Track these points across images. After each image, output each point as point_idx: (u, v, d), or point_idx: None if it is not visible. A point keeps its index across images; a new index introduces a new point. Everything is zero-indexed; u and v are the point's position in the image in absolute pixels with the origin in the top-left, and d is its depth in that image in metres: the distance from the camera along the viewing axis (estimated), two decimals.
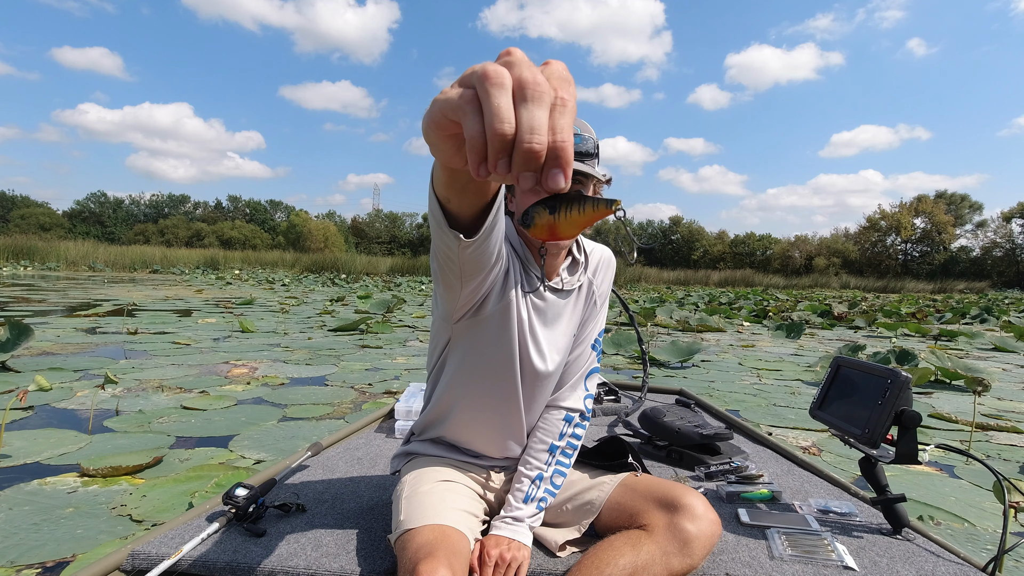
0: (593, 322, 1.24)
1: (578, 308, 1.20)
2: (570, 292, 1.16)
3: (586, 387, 1.24)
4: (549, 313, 1.14)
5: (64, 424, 2.70)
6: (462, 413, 1.18)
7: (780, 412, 3.43)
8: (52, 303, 8.90)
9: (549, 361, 1.14)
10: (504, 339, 1.09)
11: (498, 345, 1.09)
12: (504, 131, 0.37)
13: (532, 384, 1.15)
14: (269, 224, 60.34)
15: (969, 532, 1.85)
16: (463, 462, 1.23)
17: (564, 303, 1.16)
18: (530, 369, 1.13)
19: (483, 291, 1.02)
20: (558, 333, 1.16)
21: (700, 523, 1.01)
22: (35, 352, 4.54)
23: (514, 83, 0.38)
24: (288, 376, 4.00)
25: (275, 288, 15.84)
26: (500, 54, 0.41)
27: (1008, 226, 49.72)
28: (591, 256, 1.21)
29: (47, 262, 23.62)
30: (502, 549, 1.03)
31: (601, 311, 1.24)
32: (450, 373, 1.15)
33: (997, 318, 11.75)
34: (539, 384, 1.16)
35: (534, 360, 1.12)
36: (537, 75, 0.38)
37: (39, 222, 47.42)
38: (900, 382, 1.23)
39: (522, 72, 0.38)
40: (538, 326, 1.13)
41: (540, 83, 0.38)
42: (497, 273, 1.00)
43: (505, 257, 1.02)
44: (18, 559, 1.49)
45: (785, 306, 13.51)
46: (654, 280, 36.78)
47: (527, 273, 1.12)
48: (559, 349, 1.16)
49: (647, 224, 67.04)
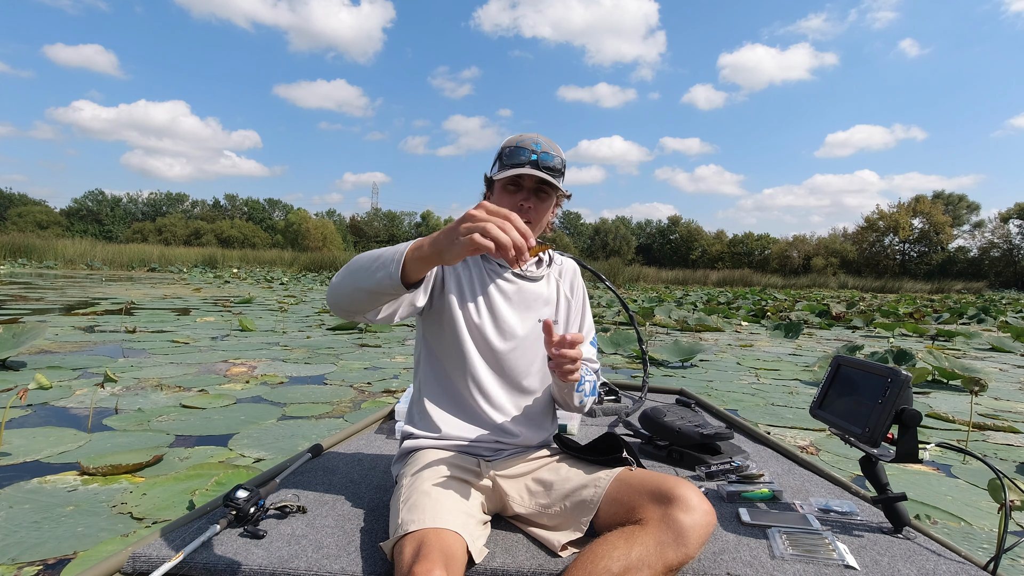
0: (579, 318, 1.44)
1: (550, 300, 1.37)
2: (537, 280, 1.35)
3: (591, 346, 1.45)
4: (516, 297, 1.32)
5: (64, 422, 2.70)
6: (439, 387, 1.32)
7: (778, 412, 3.44)
8: (50, 301, 8.88)
9: (508, 338, 1.29)
10: (462, 317, 1.27)
11: (456, 323, 1.27)
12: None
13: (494, 358, 1.29)
14: (267, 223, 60.26)
15: (966, 531, 1.86)
16: (454, 446, 1.28)
17: (534, 290, 1.34)
18: (485, 345, 1.28)
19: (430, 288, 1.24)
20: (527, 315, 1.33)
21: (694, 514, 1.02)
22: (34, 350, 4.54)
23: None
24: (287, 375, 4.00)
25: (273, 287, 15.83)
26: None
27: (1006, 227, 49.87)
28: (557, 264, 1.44)
29: (45, 260, 23.56)
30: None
31: (585, 312, 1.46)
32: (427, 355, 1.33)
33: (994, 318, 11.79)
34: (503, 358, 1.30)
35: (490, 337, 1.28)
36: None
37: (36, 220, 47.29)
38: (900, 381, 1.23)
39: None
40: (503, 307, 1.30)
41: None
42: (435, 277, 1.24)
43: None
44: (19, 557, 1.49)
45: (783, 306, 13.54)
46: (652, 279, 36.82)
47: (489, 262, 1.32)
48: (525, 329, 1.31)
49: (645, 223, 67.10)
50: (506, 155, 1.28)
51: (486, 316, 1.28)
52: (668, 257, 59.74)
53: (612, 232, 63.33)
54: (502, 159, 1.29)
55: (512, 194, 1.27)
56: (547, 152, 1.26)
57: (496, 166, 1.31)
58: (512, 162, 1.26)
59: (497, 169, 1.30)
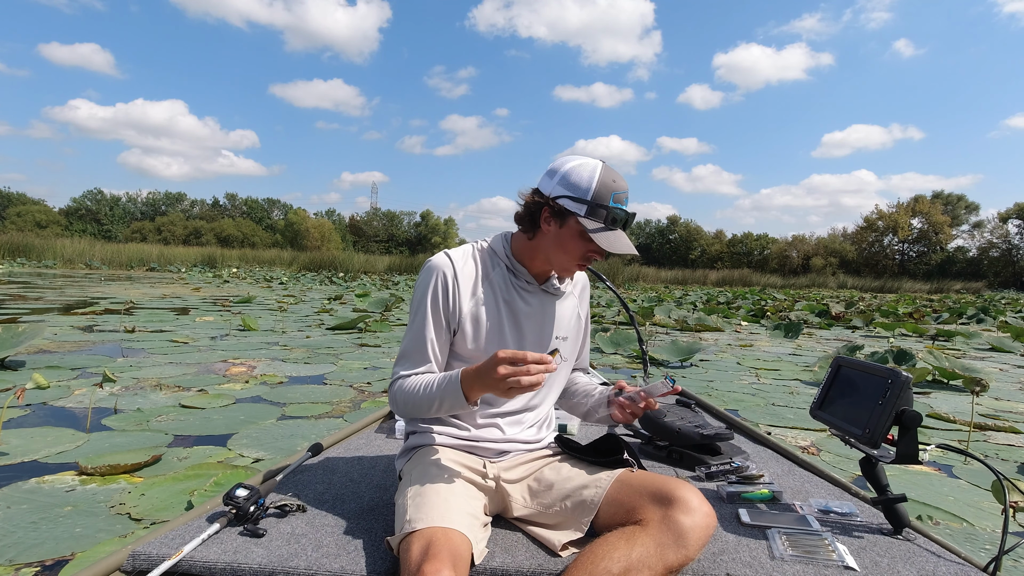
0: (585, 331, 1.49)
1: (570, 314, 1.39)
2: (561, 296, 1.36)
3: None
4: (539, 313, 1.32)
5: (62, 422, 2.69)
6: None
7: (778, 412, 3.44)
8: (49, 301, 8.87)
9: (530, 346, 1.31)
10: (484, 336, 1.27)
11: (478, 340, 1.28)
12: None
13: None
14: (266, 222, 60.23)
15: (968, 532, 1.86)
16: (460, 445, 1.28)
17: (556, 305, 1.35)
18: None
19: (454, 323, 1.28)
20: (546, 330, 1.34)
21: (695, 516, 1.02)
22: (32, 350, 4.53)
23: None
24: (286, 375, 4.00)
25: (273, 286, 15.82)
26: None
27: (1004, 227, 49.91)
28: (575, 276, 1.42)
29: (43, 260, 23.55)
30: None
31: (587, 329, 1.50)
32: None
33: (994, 318, 11.79)
34: None
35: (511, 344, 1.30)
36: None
37: (35, 219, 47.22)
38: (901, 382, 1.23)
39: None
40: (525, 323, 1.31)
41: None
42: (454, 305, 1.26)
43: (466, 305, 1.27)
44: (17, 557, 1.48)
45: (783, 306, 13.54)
46: (652, 279, 36.82)
47: (518, 278, 1.31)
48: (543, 344, 1.34)
49: (644, 223, 67.08)
50: (611, 200, 1.17)
51: (508, 333, 1.28)
52: (667, 257, 59.73)
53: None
54: (597, 199, 1.17)
55: (587, 242, 1.19)
56: (633, 215, 1.23)
57: (584, 207, 1.17)
58: (613, 214, 1.17)
59: (586, 212, 1.17)
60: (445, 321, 1.26)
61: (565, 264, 1.24)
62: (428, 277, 1.26)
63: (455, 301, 1.25)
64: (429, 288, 1.25)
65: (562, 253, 1.22)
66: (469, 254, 1.30)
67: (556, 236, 1.22)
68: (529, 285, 1.31)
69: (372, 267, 31.93)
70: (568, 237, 1.20)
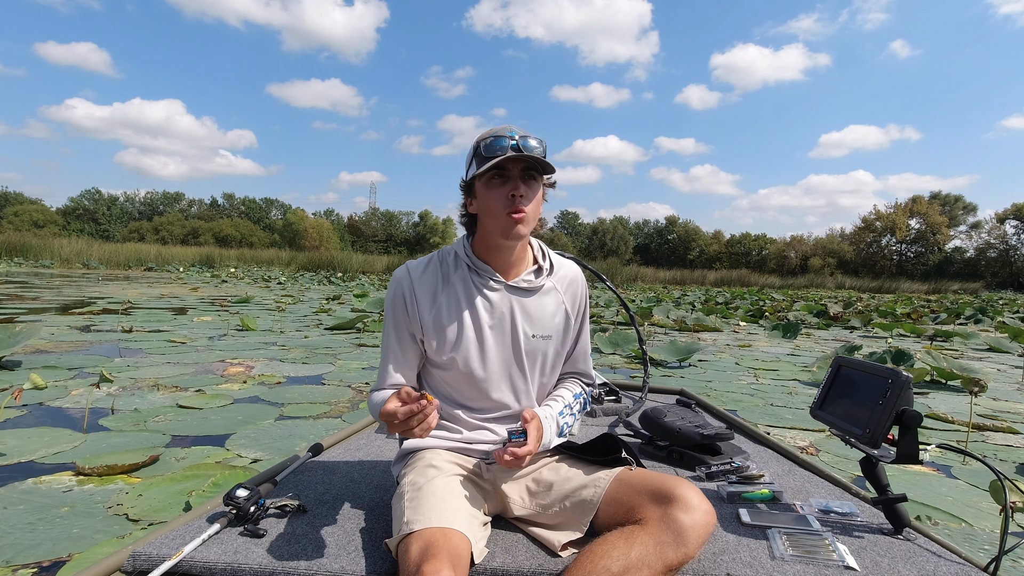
0: (575, 335, 1.41)
1: (551, 311, 1.33)
2: (534, 292, 1.31)
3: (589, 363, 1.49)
4: (506, 309, 1.29)
5: (59, 423, 2.68)
6: (440, 392, 1.33)
7: (778, 412, 3.44)
8: (46, 301, 8.85)
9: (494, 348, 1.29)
10: (454, 340, 1.27)
11: (447, 346, 1.27)
12: None
13: (491, 370, 1.29)
14: (265, 222, 60.15)
15: (967, 532, 1.86)
16: (456, 448, 1.29)
17: (530, 299, 1.31)
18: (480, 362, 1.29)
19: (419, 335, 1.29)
20: (522, 324, 1.30)
21: (694, 514, 1.02)
22: (30, 350, 4.51)
23: None
24: (285, 375, 3.99)
25: (271, 286, 15.80)
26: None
27: (1002, 227, 50.06)
28: (559, 269, 1.37)
29: (41, 259, 23.48)
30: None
31: (583, 327, 1.42)
32: (426, 363, 1.34)
33: (992, 319, 11.82)
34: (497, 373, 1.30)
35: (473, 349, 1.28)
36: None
37: (33, 219, 47.10)
38: (901, 382, 1.23)
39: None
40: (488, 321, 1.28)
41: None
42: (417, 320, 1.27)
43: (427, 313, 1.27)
44: (13, 559, 1.47)
45: (781, 306, 13.56)
46: (650, 279, 36.85)
47: (481, 277, 1.29)
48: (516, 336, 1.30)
49: (643, 223, 67.16)
50: (483, 149, 1.19)
51: (471, 338, 1.27)
52: (666, 257, 59.81)
53: (610, 232, 63.38)
54: (479, 155, 1.20)
55: (499, 187, 1.19)
56: (525, 137, 1.18)
57: (473, 165, 1.22)
58: (491, 154, 1.17)
59: (475, 167, 1.21)
60: (409, 334, 1.29)
61: (499, 223, 1.20)
62: (389, 293, 1.30)
63: (414, 313, 1.27)
64: (389, 304, 1.30)
65: (489, 216, 1.21)
66: (429, 262, 1.31)
67: (479, 207, 1.24)
68: (495, 283, 1.28)
69: (370, 267, 31.89)
70: (483, 198, 1.22)
